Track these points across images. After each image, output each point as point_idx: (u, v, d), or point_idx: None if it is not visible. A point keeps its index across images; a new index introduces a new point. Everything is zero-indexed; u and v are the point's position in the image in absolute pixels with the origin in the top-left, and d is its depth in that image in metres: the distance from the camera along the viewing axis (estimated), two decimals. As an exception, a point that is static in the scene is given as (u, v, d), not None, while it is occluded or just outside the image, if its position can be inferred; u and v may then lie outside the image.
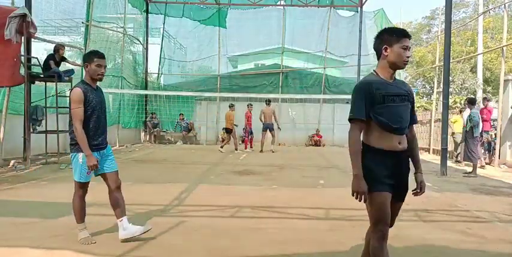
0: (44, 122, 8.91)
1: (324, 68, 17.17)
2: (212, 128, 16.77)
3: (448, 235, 3.98)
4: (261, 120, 13.10)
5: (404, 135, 2.43)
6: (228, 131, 12.77)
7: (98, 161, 3.42)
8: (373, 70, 2.51)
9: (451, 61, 11.32)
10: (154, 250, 3.40)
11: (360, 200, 2.31)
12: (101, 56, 3.51)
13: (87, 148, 3.36)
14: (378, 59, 2.48)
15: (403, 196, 2.49)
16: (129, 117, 15.31)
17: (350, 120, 2.39)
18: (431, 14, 31.53)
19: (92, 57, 3.46)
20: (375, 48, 2.50)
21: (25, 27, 8.11)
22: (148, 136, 16.44)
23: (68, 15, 12.79)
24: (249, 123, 13.76)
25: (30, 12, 8.55)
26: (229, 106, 13.12)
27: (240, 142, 16.34)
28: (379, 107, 2.34)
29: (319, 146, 15.82)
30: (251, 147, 13.96)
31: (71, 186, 3.77)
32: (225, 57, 17.62)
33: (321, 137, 16.08)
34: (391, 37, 2.41)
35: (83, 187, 3.54)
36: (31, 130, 8.59)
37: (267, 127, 12.91)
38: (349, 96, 11.47)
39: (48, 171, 7.76)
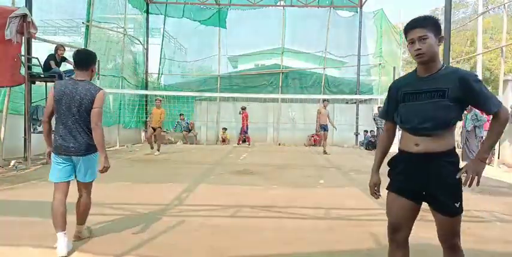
0: (44, 122, 8.93)
1: (324, 68, 17.20)
2: (212, 128, 16.81)
3: (448, 235, 3.98)
4: (318, 121, 12.58)
5: (432, 137, 2.12)
6: (154, 129, 11.47)
7: None
8: None
9: (450, 61, 11.34)
10: (154, 250, 3.40)
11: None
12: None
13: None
14: None
15: (440, 208, 2.18)
16: (130, 117, 15.35)
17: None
18: (430, 14, 31.55)
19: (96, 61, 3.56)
20: None
21: (25, 27, 8.12)
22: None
23: (68, 15, 12.82)
24: (245, 123, 14.62)
25: (31, 13, 8.56)
26: (156, 102, 11.83)
27: (241, 142, 16.40)
28: (400, 106, 2.26)
29: (319, 146, 15.83)
30: (248, 144, 14.79)
31: (70, 186, 3.78)
32: (225, 58, 17.67)
33: (320, 137, 16.10)
34: (404, 34, 2.24)
35: None
36: (31, 130, 8.60)
37: (324, 128, 12.45)
38: (348, 97, 11.60)
39: (48, 171, 7.74)
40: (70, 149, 3.29)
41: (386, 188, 2.36)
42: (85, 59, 3.38)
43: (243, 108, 15.25)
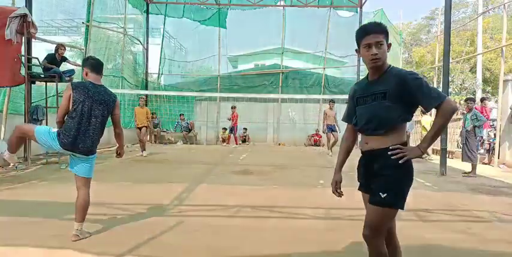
0: (44, 122, 8.92)
1: (324, 68, 17.20)
2: (212, 128, 16.81)
3: (448, 235, 3.99)
4: (324, 121, 12.38)
5: (378, 136, 2.25)
6: (140, 129, 10.98)
7: None
8: None
9: (450, 61, 11.34)
10: (154, 250, 3.40)
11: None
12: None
13: None
14: None
15: (371, 199, 2.26)
16: (130, 117, 15.33)
17: None
18: (430, 14, 31.54)
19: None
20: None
21: (25, 27, 8.12)
22: (148, 136, 16.45)
23: (68, 15, 12.84)
24: (236, 123, 15.09)
25: (31, 13, 8.56)
26: (140, 101, 11.43)
27: (241, 142, 16.40)
28: (356, 110, 2.41)
29: (319, 146, 15.84)
30: (236, 143, 15.15)
31: (71, 186, 3.79)
32: (225, 58, 17.67)
33: (320, 137, 16.11)
34: (357, 39, 2.30)
35: None
36: (31, 130, 8.59)
37: (331, 128, 12.12)
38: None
39: (48, 171, 7.77)
40: (79, 148, 3.51)
41: (358, 189, 2.51)
42: (102, 65, 3.71)
43: (234, 108, 15.38)
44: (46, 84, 9.23)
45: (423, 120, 12.22)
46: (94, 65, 3.63)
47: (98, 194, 4.06)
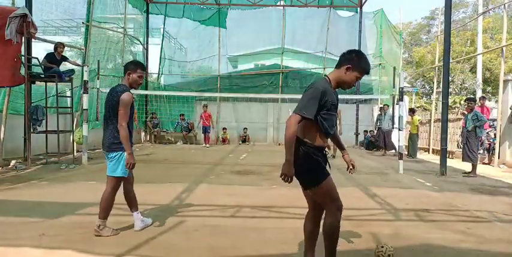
0: (44, 122, 8.92)
1: (324, 68, 17.19)
2: (212, 128, 16.81)
3: (448, 235, 3.99)
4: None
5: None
6: None
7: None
8: (327, 76, 2.81)
9: (450, 61, 11.34)
10: (154, 250, 3.41)
11: (286, 182, 2.89)
12: (144, 68, 4.00)
13: (130, 146, 3.72)
14: (337, 67, 2.76)
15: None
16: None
17: (296, 113, 2.71)
18: (430, 14, 31.57)
19: (137, 68, 3.88)
20: (343, 60, 2.73)
21: (25, 27, 8.11)
22: (148, 136, 16.46)
23: (68, 15, 12.82)
24: (207, 122, 14.98)
25: (31, 13, 8.56)
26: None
27: (240, 142, 16.40)
28: (325, 112, 2.72)
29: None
30: (208, 143, 14.97)
31: (71, 186, 3.79)
32: (225, 58, 17.63)
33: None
34: (359, 64, 2.69)
35: (121, 181, 3.88)
36: (31, 130, 8.60)
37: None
38: (348, 97, 11.43)
39: (48, 171, 7.77)
40: (103, 145, 3.82)
41: (323, 178, 2.91)
42: (125, 67, 3.94)
43: (205, 106, 15.24)
44: (46, 84, 9.23)
45: (415, 119, 12.71)
46: None
47: (98, 194, 4.05)
